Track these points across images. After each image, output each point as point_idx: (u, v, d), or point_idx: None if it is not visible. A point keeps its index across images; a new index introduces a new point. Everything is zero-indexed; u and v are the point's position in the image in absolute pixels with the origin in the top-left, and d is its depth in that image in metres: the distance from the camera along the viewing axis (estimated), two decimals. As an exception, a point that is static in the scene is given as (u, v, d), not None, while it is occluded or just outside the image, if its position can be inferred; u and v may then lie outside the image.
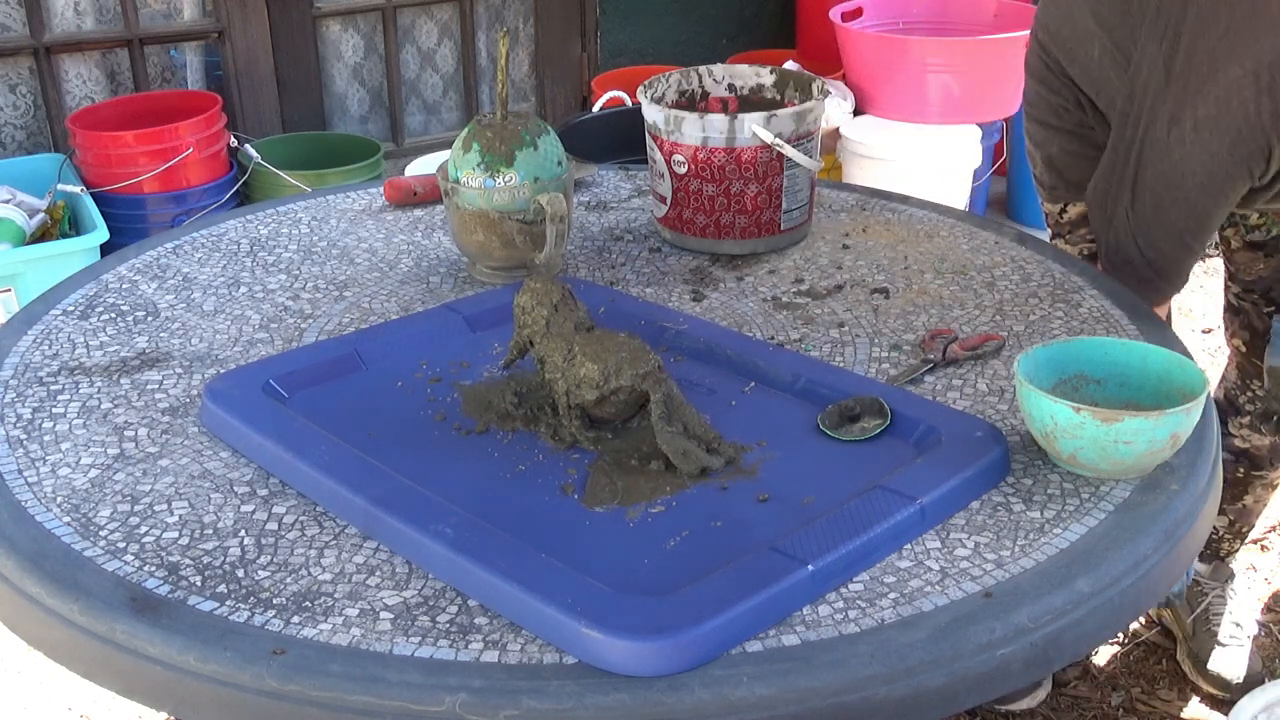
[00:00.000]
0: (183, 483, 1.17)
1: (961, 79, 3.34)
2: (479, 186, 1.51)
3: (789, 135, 1.61)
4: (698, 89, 1.78)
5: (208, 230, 1.74)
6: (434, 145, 3.73)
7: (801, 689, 0.91)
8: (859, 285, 1.56)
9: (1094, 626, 1.03)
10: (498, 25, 3.87)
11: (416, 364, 1.36)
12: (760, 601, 0.96)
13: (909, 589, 1.01)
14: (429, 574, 1.03)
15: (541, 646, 0.95)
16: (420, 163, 3.23)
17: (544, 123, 1.56)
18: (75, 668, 1.03)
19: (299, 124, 3.59)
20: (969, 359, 1.37)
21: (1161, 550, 1.08)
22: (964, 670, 0.95)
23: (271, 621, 0.97)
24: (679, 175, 1.64)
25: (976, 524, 1.10)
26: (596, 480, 1.15)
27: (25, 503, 1.14)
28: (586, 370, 1.19)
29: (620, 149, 2.19)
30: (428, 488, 1.10)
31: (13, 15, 3.23)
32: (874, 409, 1.23)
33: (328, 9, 3.60)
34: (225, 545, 1.07)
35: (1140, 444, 1.12)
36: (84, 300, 1.54)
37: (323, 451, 1.15)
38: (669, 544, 1.06)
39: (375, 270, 1.62)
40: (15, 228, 2.75)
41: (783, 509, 1.10)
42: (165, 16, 3.45)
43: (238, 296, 1.55)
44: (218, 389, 1.26)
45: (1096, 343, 1.25)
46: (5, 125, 3.31)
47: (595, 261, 1.65)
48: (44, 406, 1.30)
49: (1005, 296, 1.53)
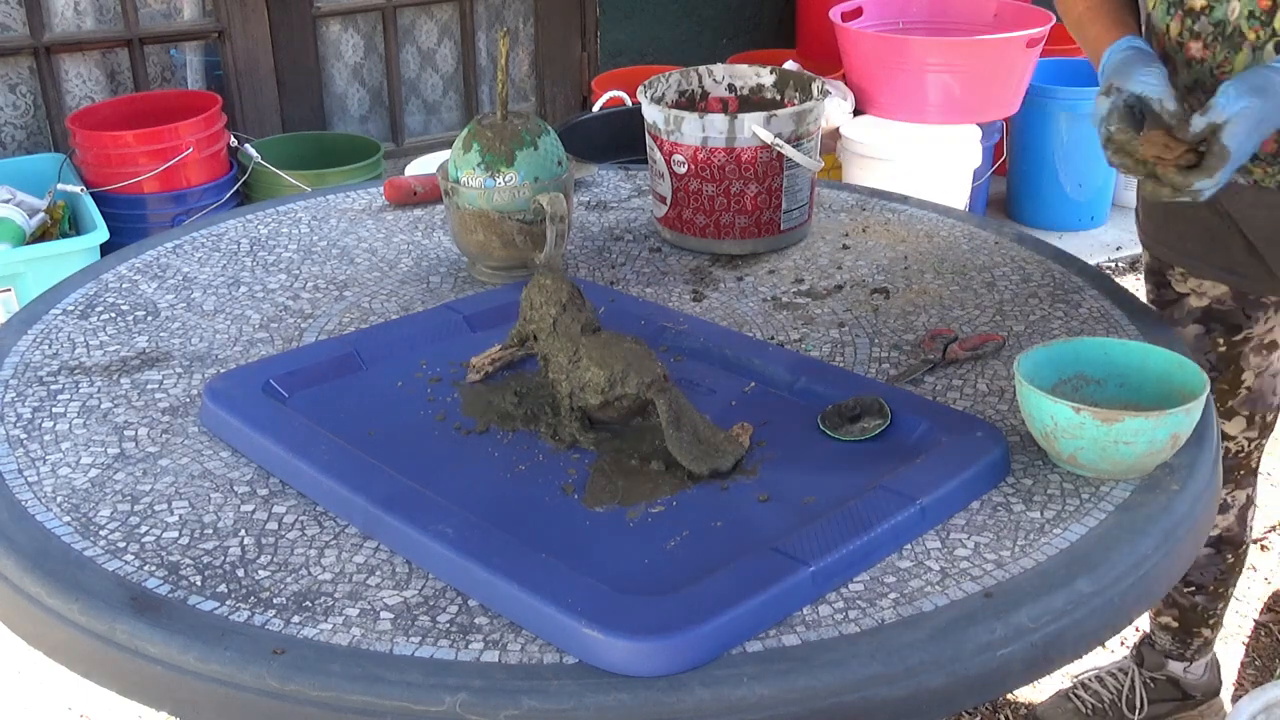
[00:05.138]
0: (183, 482, 1.17)
1: (961, 79, 3.34)
2: (479, 186, 1.51)
3: (789, 135, 1.61)
4: (698, 89, 1.78)
5: (208, 230, 1.74)
6: (434, 145, 3.73)
7: (801, 689, 0.91)
8: (859, 285, 1.56)
9: (1094, 626, 1.03)
10: (498, 25, 3.87)
11: (416, 364, 1.36)
12: (760, 601, 0.96)
13: (909, 589, 1.01)
14: (429, 574, 1.03)
15: (541, 646, 0.95)
16: (420, 162, 3.23)
17: (544, 123, 1.56)
18: (75, 668, 1.03)
19: (299, 124, 3.59)
20: (969, 359, 1.37)
21: (1161, 550, 1.08)
22: (964, 670, 0.95)
23: (271, 621, 0.97)
24: (679, 175, 1.65)
25: (977, 524, 1.10)
26: (596, 480, 1.15)
27: (25, 502, 1.14)
28: (592, 375, 1.19)
29: (620, 149, 2.19)
30: (428, 487, 1.10)
31: (13, 15, 3.23)
32: (874, 409, 1.23)
33: (328, 9, 3.60)
34: (225, 545, 1.07)
35: (1140, 444, 1.12)
36: (84, 300, 1.54)
37: (323, 451, 1.15)
38: (669, 544, 1.05)
39: (375, 270, 1.62)
40: (15, 228, 2.75)
41: (783, 509, 1.10)
42: (165, 16, 3.45)
43: (238, 296, 1.55)
44: (218, 389, 1.26)
45: (1096, 343, 1.25)
46: (5, 125, 3.31)
47: (595, 261, 1.65)
48: (44, 406, 1.30)
49: (1005, 296, 1.53)
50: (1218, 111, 1.28)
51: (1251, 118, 1.27)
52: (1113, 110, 1.35)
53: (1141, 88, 1.34)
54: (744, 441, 1.18)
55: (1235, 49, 1.44)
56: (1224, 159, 1.27)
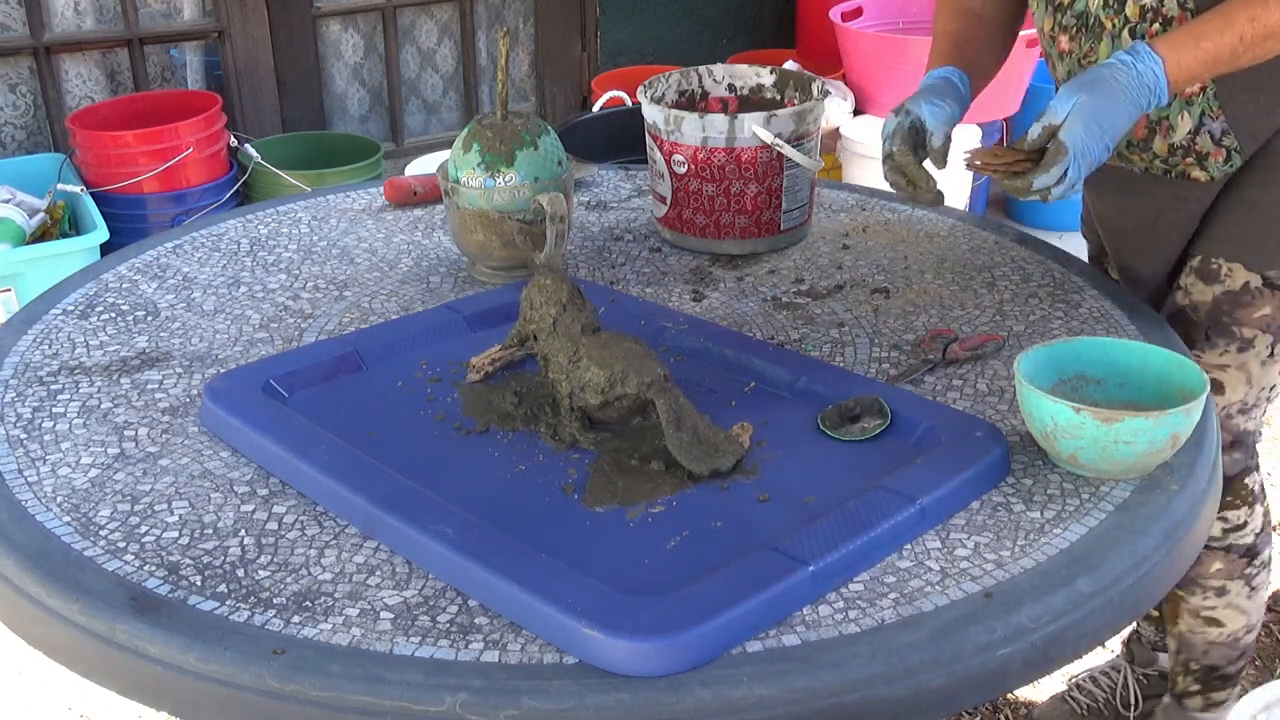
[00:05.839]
0: (183, 482, 1.17)
1: (961, 79, 3.33)
2: (479, 186, 1.51)
3: (789, 135, 1.61)
4: (698, 89, 1.78)
5: (208, 230, 1.74)
6: (434, 145, 3.73)
7: (801, 689, 0.91)
8: (859, 285, 1.56)
9: (1094, 626, 1.03)
10: (498, 25, 3.87)
11: (416, 364, 1.36)
12: (760, 601, 0.96)
13: (909, 589, 1.01)
14: (429, 574, 1.03)
15: (541, 646, 0.95)
16: (420, 162, 3.23)
17: (544, 123, 1.56)
18: (75, 668, 1.03)
19: (299, 124, 3.58)
20: (969, 359, 1.37)
21: (1161, 550, 1.08)
22: (964, 670, 0.95)
23: (271, 621, 0.97)
24: (679, 175, 1.65)
25: (976, 524, 1.10)
26: (596, 480, 1.15)
27: (25, 502, 1.14)
28: (592, 375, 1.19)
29: (620, 149, 2.19)
30: (428, 487, 1.10)
31: (13, 15, 3.23)
32: (874, 409, 1.23)
33: (328, 9, 3.60)
34: (225, 545, 1.07)
35: (1140, 444, 1.12)
36: (84, 300, 1.54)
37: (323, 451, 1.15)
38: (669, 544, 1.05)
39: (375, 270, 1.62)
40: (15, 228, 2.75)
41: (783, 509, 1.10)
42: (165, 16, 3.45)
43: (238, 296, 1.55)
44: (218, 389, 1.26)
45: (1096, 343, 1.25)
46: (5, 125, 3.31)
47: (595, 261, 1.65)
48: (44, 406, 1.30)
49: (1005, 296, 1.53)
50: (1051, 113, 1.32)
51: (1084, 113, 1.30)
52: (897, 130, 1.44)
53: (925, 114, 1.44)
54: (744, 441, 1.18)
55: (1097, 39, 1.47)
56: (1059, 155, 1.29)
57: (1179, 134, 1.49)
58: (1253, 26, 1.31)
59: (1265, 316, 1.53)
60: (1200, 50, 1.32)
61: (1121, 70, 1.32)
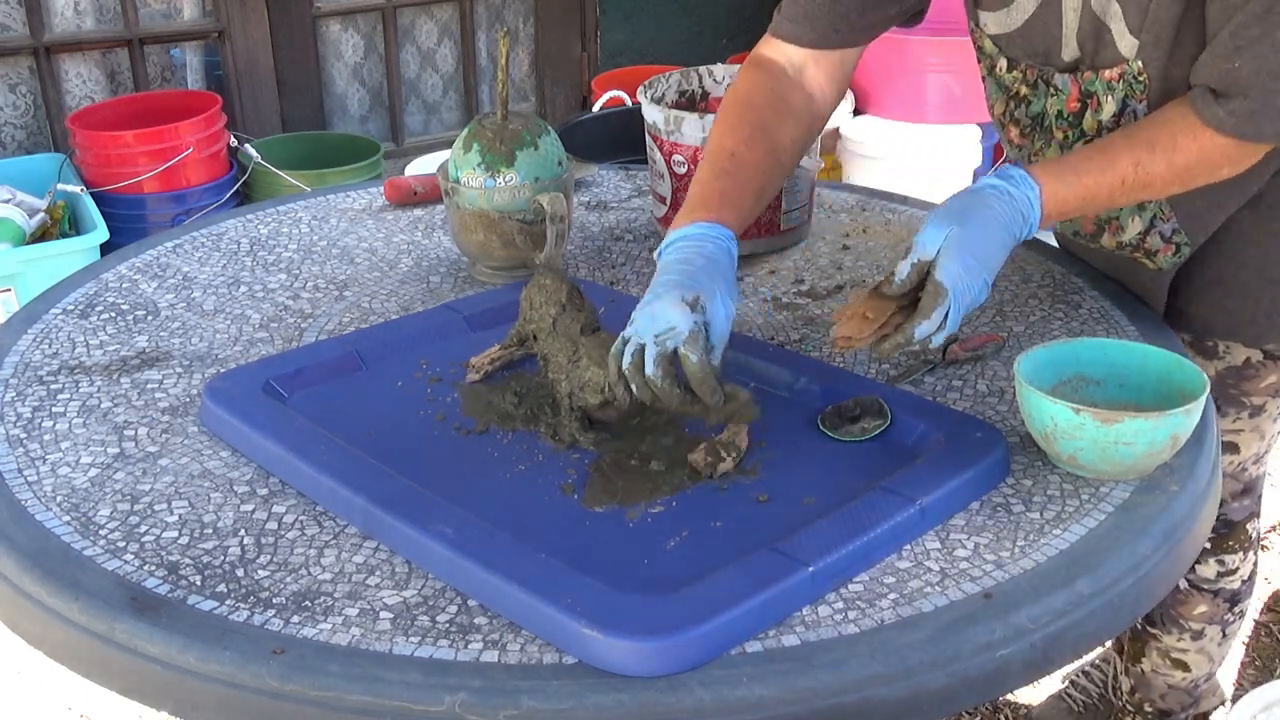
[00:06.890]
0: (183, 482, 1.17)
1: (961, 79, 3.33)
2: (479, 186, 1.51)
3: (789, 135, 1.60)
4: (698, 89, 1.78)
5: (208, 230, 1.74)
6: (434, 145, 3.74)
7: (801, 689, 0.91)
8: (859, 285, 1.56)
9: (1094, 627, 1.03)
10: (498, 25, 3.87)
11: (416, 364, 1.36)
12: (760, 602, 0.96)
13: (909, 589, 1.01)
14: (429, 574, 1.03)
15: (541, 646, 0.95)
16: (420, 162, 3.23)
17: (544, 123, 1.56)
18: (75, 667, 1.03)
19: (299, 124, 3.59)
20: (969, 359, 1.37)
21: (1161, 551, 1.08)
22: (964, 671, 0.95)
23: (271, 621, 0.97)
24: (679, 175, 1.64)
25: (976, 525, 1.10)
26: (596, 480, 1.15)
27: (25, 502, 1.14)
28: (591, 374, 1.19)
29: (620, 149, 2.19)
30: (427, 487, 1.10)
31: (13, 15, 3.23)
32: (874, 409, 1.23)
33: (328, 9, 3.60)
34: (225, 545, 1.07)
35: (1140, 445, 1.12)
36: (84, 299, 1.54)
37: (323, 451, 1.15)
38: (669, 544, 1.05)
39: (375, 270, 1.62)
40: (15, 228, 2.75)
41: (783, 509, 1.10)
42: (165, 16, 3.46)
43: (238, 296, 1.55)
44: (218, 388, 1.26)
45: (1096, 343, 1.25)
46: (5, 125, 3.31)
47: (595, 261, 1.65)
48: (44, 405, 1.30)
49: (1005, 297, 1.53)
50: (920, 249, 1.18)
51: (957, 247, 1.17)
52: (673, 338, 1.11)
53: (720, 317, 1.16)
54: (744, 441, 1.18)
55: (1047, 143, 1.43)
56: (939, 297, 1.16)
57: (1128, 234, 1.45)
58: (1136, 172, 1.24)
59: (1272, 384, 1.52)
60: (1080, 186, 1.23)
61: (994, 197, 1.20)
